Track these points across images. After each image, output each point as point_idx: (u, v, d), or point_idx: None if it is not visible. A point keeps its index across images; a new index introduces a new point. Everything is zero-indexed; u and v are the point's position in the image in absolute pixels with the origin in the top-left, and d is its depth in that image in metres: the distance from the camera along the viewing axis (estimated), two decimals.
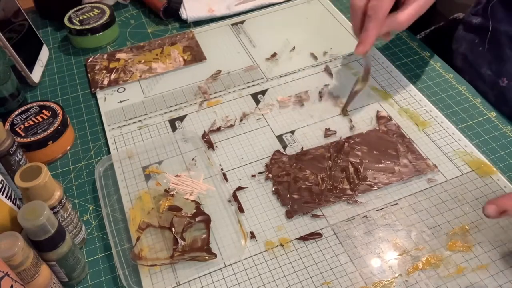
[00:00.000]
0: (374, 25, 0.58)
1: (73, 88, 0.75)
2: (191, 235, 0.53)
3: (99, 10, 0.82)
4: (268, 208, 0.56)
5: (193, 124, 0.67)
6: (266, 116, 0.67)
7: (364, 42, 0.59)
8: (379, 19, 0.57)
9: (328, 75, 0.72)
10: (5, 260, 0.41)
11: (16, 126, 0.63)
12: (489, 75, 0.67)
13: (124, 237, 0.54)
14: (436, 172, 0.58)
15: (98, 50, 0.81)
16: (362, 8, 0.58)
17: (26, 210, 0.44)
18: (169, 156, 0.62)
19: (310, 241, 0.53)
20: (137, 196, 0.58)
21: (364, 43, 0.59)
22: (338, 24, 0.81)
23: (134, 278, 0.51)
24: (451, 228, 0.52)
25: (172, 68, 0.75)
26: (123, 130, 0.66)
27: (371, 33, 0.58)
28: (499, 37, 0.66)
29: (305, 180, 0.58)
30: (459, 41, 0.75)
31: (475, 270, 0.49)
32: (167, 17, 0.86)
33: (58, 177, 0.62)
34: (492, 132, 0.62)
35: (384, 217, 0.54)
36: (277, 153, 0.62)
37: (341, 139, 0.62)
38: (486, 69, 0.68)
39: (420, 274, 0.49)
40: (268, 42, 0.79)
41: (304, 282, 0.49)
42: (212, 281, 0.50)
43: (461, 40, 0.74)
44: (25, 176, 0.46)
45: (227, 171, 0.60)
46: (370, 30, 0.58)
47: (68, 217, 0.51)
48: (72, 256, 0.48)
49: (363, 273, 0.50)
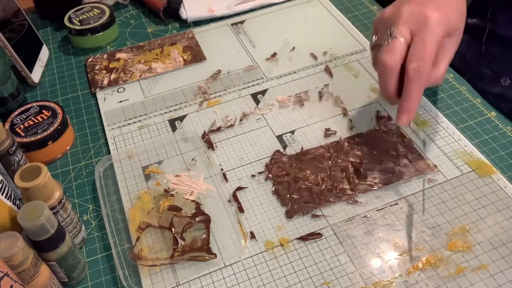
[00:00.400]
0: (419, 91, 0.51)
1: (73, 88, 0.75)
2: (191, 235, 0.53)
3: (99, 10, 0.82)
4: (268, 208, 0.56)
5: (193, 124, 0.67)
6: (266, 116, 0.67)
7: (409, 111, 0.52)
8: (423, 83, 0.51)
9: (328, 75, 0.72)
10: (5, 260, 0.41)
11: (16, 126, 0.63)
12: (488, 74, 0.67)
13: (124, 237, 0.54)
14: (436, 172, 0.58)
15: (98, 50, 0.81)
16: (398, 69, 0.52)
17: (26, 210, 0.44)
18: (169, 156, 0.62)
19: (310, 241, 0.53)
20: (137, 196, 0.58)
21: (410, 111, 0.52)
22: (338, 24, 0.81)
23: (134, 278, 0.51)
24: (451, 228, 0.52)
25: (172, 68, 0.75)
26: (123, 130, 0.66)
27: (416, 100, 0.52)
28: (500, 39, 0.66)
29: (305, 180, 0.58)
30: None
31: (475, 270, 0.49)
32: (167, 17, 0.86)
33: (58, 177, 0.62)
34: (492, 132, 0.62)
35: (384, 217, 0.54)
36: (277, 153, 0.62)
37: (341, 139, 0.62)
38: (485, 68, 0.68)
39: (420, 274, 0.49)
40: (268, 42, 0.79)
41: (304, 282, 0.49)
42: (212, 281, 0.50)
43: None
44: (25, 176, 0.46)
45: (227, 171, 0.60)
46: (415, 97, 0.52)
47: (68, 217, 0.51)
48: (72, 256, 0.48)
49: (363, 273, 0.50)
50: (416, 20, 0.52)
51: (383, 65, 0.53)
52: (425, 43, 0.51)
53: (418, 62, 0.51)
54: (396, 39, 0.52)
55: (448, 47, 0.54)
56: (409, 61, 0.51)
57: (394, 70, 0.52)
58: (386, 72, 0.53)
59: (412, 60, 0.51)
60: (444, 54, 0.54)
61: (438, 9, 0.53)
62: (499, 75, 0.66)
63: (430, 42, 0.51)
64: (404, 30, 0.52)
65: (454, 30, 0.54)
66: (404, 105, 0.52)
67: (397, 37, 0.52)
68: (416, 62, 0.51)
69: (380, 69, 0.54)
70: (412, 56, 0.51)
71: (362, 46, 0.76)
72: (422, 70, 0.51)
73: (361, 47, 0.76)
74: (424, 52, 0.51)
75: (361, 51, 0.75)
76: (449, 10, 0.54)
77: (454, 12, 0.55)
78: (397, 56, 0.52)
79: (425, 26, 0.52)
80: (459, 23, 0.55)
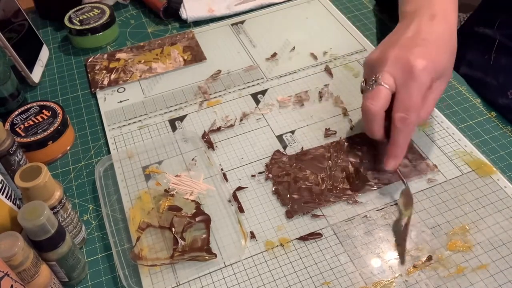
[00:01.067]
0: (406, 138, 0.52)
1: (73, 88, 0.75)
2: (191, 235, 0.53)
3: (99, 10, 0.82)
4: (268, 208, 0.56)
5: (193, 124, 0.67)
6: (266, 116, 0.67)
7: (395, 158, 0.53)
8: (410, 131, 0.52)
9: (328, 75, 0.72)
10: (5, 260, 0.41)
11: (16, 126, 0.63)
12: (495, 85, 0.66)
13: (124, 237, 0.54)
14: (436, 172, 0.58)
15: (98, 50, 0.81)
16: (382, 114, 0.53)
17: (26, 210, 0.44)
18: (169, 156, 0.62)
19: (310, 241, 0.53)
20: (137, 196, 0.58)
21: (396, 158, 0.53)
22: (338, 24, 0.81)
23: (134, 278, 0.51)
24: (451, 228, 0.52)
25: (172, 68, 0.75)
26: (123, 130, 0.66)
27: (403, 146, 0.53)
28: (508, 50, 0.65)
29: (305, 180, 0.58)
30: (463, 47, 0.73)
31: (475, 270, 0.49)
32: (167, 17, 0.86)
33: (58, 177, 0.62)
34: (492, 132, 0.62)
35: (384, 217, 0.54)
36: (277, 153, 0.62)
37: (341, 139, 0.62)
38: (491, 78, 0.67)
39: (420, 274, 0.49)
40: (268, 42, 0.79)
41: (304, 282, 0.49)
42: (212, 281, 0.50)
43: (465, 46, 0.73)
44: (25, 176, 0.46)
45: (227, 171, 0.60)
46: (401, 144, 0.52)
47: (68, 217, 0.51)
48: (72, 256, 0.48)
49: (363, 273, 0.50)
50: (402, 68, 0.52)
51: (367, 111, 0.53)
52: (410, 94, 0.51)
53: (404, 112, 0.51)
54: (381, 85, 0.52)
55: (435, 88, 0.54)
56: (395, 111, 0.52)
57: (378, 116, 0.53)
58: (369, 118, 0.53)
59: (398, 110, 0.51)
60: (431, 95, 0.53)
61: (424, 55, 0.52)
62: (506, 87, 0.64)
63: (416, 93, 0.51)
64: (388, 78, 0.52)
65: (442, 73, 0.54)
66: (391, 151, 0.53)
67: (382, 84, 0.52)
68: (402, 112, 0.51)
69: (364, 114, 0.54)
70: (398, 106, 0.52)
71: (362, 46, 0.76)
72: (408, 120, 0.51)
73: (361, 47, 0.76)
74: (410, 102, 0.51)
75: (361, 51, 0.75)
76: (437, 52, 0.53)
77: (442, 54, 0.54)
78: (380, 103, 0.52)
79: (410, 76, 0.51)
80: (447, 64, 0.55)
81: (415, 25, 0.55)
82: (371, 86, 0.53)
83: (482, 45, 0.69)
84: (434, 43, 0.53)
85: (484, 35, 0.69)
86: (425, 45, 0.53)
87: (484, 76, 0.67)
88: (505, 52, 0.66)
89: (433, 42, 0.54)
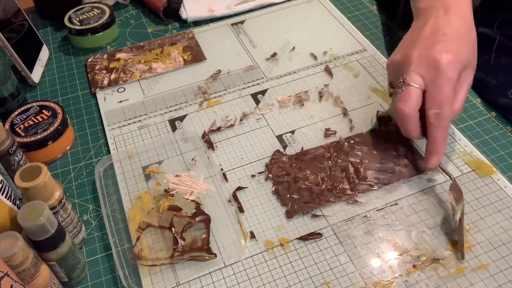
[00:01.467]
0: (443, 133, 0.52)
1: (73, 88, 0.75)
2: (191, 235, 0.53)
3: (99, 10, 0.82)
4: (268, 208, 0.56)
5: (193, 124, 0.67)
6: (266, 116, 0.67)
7: (437, 153, 0.53)
8: (446, 126, 0.52)
9: (328, 75, 0.72)
10: (5, 260, 0.41)
11: (16, 126, 0.63)
12: (495, 85, 0.66)
13: (124, 237, 0.54)
14: (436, 172, 0.58)
15: (98, 50, 0.81)
16: (416, 114, 0.53)
17: (26, 210, 0.44)
18: (169, 156, 0.62)
19: (310, 241, 0.53)
20: (137, 196, 0.58)
21: (438, 153, 0.53)
22: (338, 24, 0.81)
23: (134, 278, 0.51)
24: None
25: (172, 68, 0.75)
26: (123, 130, 0.66)
27: (442, 142, 0.53)
28: (508, 49, 0.65)
29: (305, 180, 0.58)
30: None
31: (475, 270, 0.49)
32: (167, 17, 0.86)
33: (58, 177, 0.62)
34: (492, 132, 0.62)
35: (384, 217, 0.54)
36: (277, 153, 0.62)
37: (341, 139, 0.62)
38: (491, 78, 0.66)
39: (420, 274, 0.49)
40: (268, 42, 0.79)
41: (304, 282, 0.49)
42: (212, 281, 0.50)
43: None
44: (25, 176, 0.46)
45: (227, 171, 0.60)
46: (440, 140, 0.53)
47: (68, 217, 0.51)
48: (72, 256, 0.48)
49: (363, 273, 0.50)
50: (427, 66, 0.52)
51: (401, 113, 0.53)
52: (441, 90, 0.51)
53: (437, 108, 0.51)
54: (410, 86, 0.52)
55: (464, 79, 0.54)
56: (428, 108, 0.52)
57: (413, 117, 0.53)
58: (405, 119, 0.54)
59: (431, 107, 0.52)
60: (461, 87, 0.54)
61: (447, 49, 0.52)
62: (506, 86, 0.64)
63: (446, 88, 0.51)
64: (416, 77, 0.53)
65: (467, 64, 0.54)
66: (431, 149, 0.53)
67: (411, 84, 0.52)
68: (435, 109, 0.51)
69: (399, 117, 0.54)
70: (431, 103, 0.52)
71: (362, 46, 0.76)
72: (442, 115, 0.51)
73: (361, 47, 0.76)
74: (442, 98, 0.51)
75: (361, 51, 0.75)
76: (458, 45, 0.53)
77: (464, 46, 0.54)
78: (413, 104, 0.52)
79: (437, 72, 0.51)
80: (471, 55, 0.55)
81: (432, 21, 0.56)
82: (400, 88, 0.54)
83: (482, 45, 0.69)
84: (455, 36, 0.54)
85: (484, 35, 0.69)
86: (446, 39, 0.53)
87: (484, 76, 0.67)
88: (505, 52, 0.66)
89: (453, 35, 0.54)
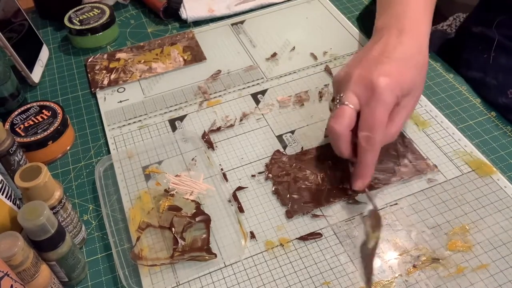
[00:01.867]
0: (372, 157, 0.51)
1: (73, 88, 0.75)
2: (191, 235, 0.53)
3: (99, 10, 0.82)
4: (268, 208, 0.56)
5: (193, 124, 0.67)
6: (266, 116, 0.67)
7: (363, 177, 0.53)
8: (376, 150, 0.51)
9: (328, 75, 0.72)
10: (5, 260, 0.41)
11: (16, 126, 0.63)
12: (494, 85, 0.66)
13: (124, 237, 0.54)
14: (436, 172, 0.58)
15: (98, 50, 0.81)
16: (347, 133, 0.52)
17: (26, 210, 0.44)
18: (169, 156, 0.62)
19: (310, 241, 0.53)
20: (137, 196, 0.58)
21: (364, 178, 0.53)
22: (338, 24, 0.81)
23: (134, 278, 0.51)
24: (451, 228, 0.52)
25: (172, 68, 0.75)
26: (123, 130, 0.66)
27: (370, 166, 0.52)
28: (507, 49, 0.65)
29: (305, 180, 0.58)
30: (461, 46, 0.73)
31: (475, 270, 0.49)
32: (167, 17, 0.86)
33: (58, 177, 0.62)
34: (492, 132, 0.62)
35: (384, 217, 0.54)
36: (277, 153, 0.62)
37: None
38: (491, 78, 0.67)
39: (420, 274, 0.49)
40: (268, 42, 0.79)
41: (304, 282, 0.49)
42: (212, 281, 0.50)
43: (463, 45, 0.73)
44: (25, 176, 0.46)
45: (227, 171, 0.60)
46: (368, 164, 0.52)
47: (68, 217, 0.51)
48: (72, 256, 0.48)
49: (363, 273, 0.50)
50: (364, 87, 0.51)
51: (331, 131, 0.52)
52: (373, 113, 0.50)
53: (368, 131, 0.50)
54: (344, 105, 0.52)
55: (404, 104, 0.53)
56: (360, 130, 0.51)
57: (344, 136, 0.52)
58: (335, 138, 0.53)
59: (362, 129, 0.51)
60: (399, 111, 0.53)
61: (387, 72, 0.51)
62: (506, 86, 0.64)
63: (379, 111, 0.50)
64: (352, 97, 0.52)
65: (409, 90, 0.53)
66: (358, 171, 0.53)
67: (345, 104, 0.52)
68: (366, 131, 0.50)
69: (330, 134, 0.54)
70: (362, 125, 0.51)
71: (362, 46, 0.76)
72: (373, 139, 0.50)
73: (361, 47, 0.76)
74: (374, 121, 0.50)
75: None
76: (401, 69, 0.52)
77: (408, 70, 0.53)
78: (345, 123, 0.51)
79: (372, 94, 0.50)
80: (415, 80, 0.54)
81: (383, 42, 0.55)
82: (336, 106, 0.53)
83: (481, 45, 0.69)
84: (400, 58, 0.53)
85: (483, 35, 0.69)
86: (388, 62, 0.52)
87: (484, 76, 0.67)
88: (504, 52, 0.66)
89: (399, 57, 0.53)
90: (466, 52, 0.72)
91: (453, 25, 0.84)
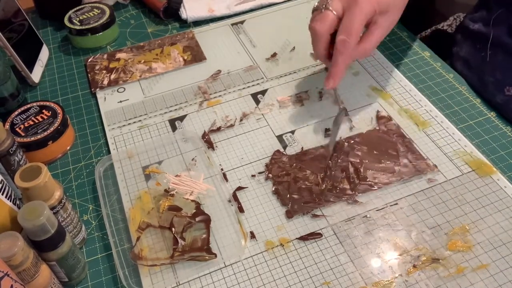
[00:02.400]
0: (344, 60, 0.58)
1: (73, 88, 0.75)
2: (191, 235, 0.53)
3: (99, 10, 0.82)
4: (268, 208, 0.56)
5: (193, 124, 0.67)
6: (266, 116, 0.67)
7: (334, 77, 0.59)
8: (349, 54, 0.57)
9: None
10: (5, 260, 0.41)
11: (16, 126, 0.63)
12: (492, 82, 0.66)
13: (124, 237, 0.54)
14: (436, 172, 0.58)
15: (98, 50, 0.81)
16: (326, 36, 0.58)
17: (26, 210, 0.44)
18: (169, 156, 0.62)
19: (310, 241, 0.53)
20: (137, 196, 0.58)
21: (334, 77, 0.59)
22: None
23: (134, 278, 0.51)
24: (451, 228, 0.52)
25: (172, 68, 0.75)
26: (123, 130, 0.66)
27: (341, 67, 0.58)
28: (504, 46, 0.65)
29: (305, 180, 0.58)
30: (459, 44, 0.74)
31: (475, 270, 0.49)
32: (167, 17, 0.86)
33: (58, 177, 0.62)
34: (492, 132, 0.62)
35: (384, 217, 0.54)
36: (277, 153, 0.62)
37: (341, 139, 0.62)
38: (489, 76, 0.67)
39: (420, 274, 0.49)
40: (268, 42, 0.79)
41: (304, 282, 0.49)
42: (212, 281, 0.50)
43: (461, 44, 0.73)
44: (25, 176, 0.46)
45: (227, 171, 0.60)
46: (340, 65, 0.58)
47: (68, 217, 0.51)
48: (72, 256, 0.48)
49: (363, 273, 0.50)
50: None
51: (313, 31, 0.59)
52: (352, 19, 0.56)
53: (345, 35, 0.56)
54: (329, 10, 0.58)
55: (380, 23, 0.59)
56: (338, 34, 0.57)
57: (323, 37, 0.58)
58: (315, 37, 0.59)
59: (340, 33, 0.57)
60: (375, 29, 0.58)
61: None
62: (503, 83, 0.65)
63: (358, 18, 0.56)
64: (337, 4, 0.58)
65: (387, 7, 0.58)
66: (331, 71, 0.59)
67: (330, 9, 0.58)
68: (343, 35, 0.56)
69: (311, 34, 0.60)
70: (341, 30, 0.57)
71: None
72: (348, 43, 0.56)
73: None
74: (351, 26, 0.56)
75: None
76: None
77: None
78: (325, 26, 0.58)
79: (354, 3, 0.56)
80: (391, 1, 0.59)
81: None
82: (321, 10, 0.59)
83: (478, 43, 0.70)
84: None
85: (480, 33, 0.69)
86: None
87: (481, 74, 0.68)
88: (501, 49, 0.66)
89: None
90: (463, 49, 0.72)
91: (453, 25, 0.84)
